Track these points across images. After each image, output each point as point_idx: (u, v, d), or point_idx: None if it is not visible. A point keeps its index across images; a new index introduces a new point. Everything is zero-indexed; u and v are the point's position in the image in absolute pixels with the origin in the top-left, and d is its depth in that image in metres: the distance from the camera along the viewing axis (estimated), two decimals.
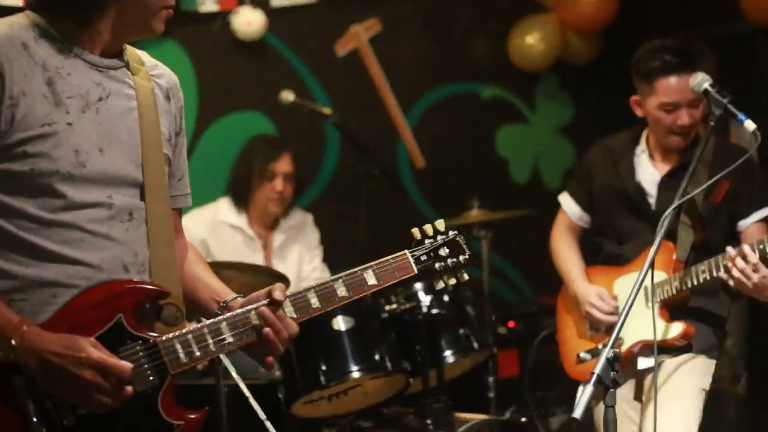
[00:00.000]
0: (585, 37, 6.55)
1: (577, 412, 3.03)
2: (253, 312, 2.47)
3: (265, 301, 2.49)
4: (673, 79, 3.78)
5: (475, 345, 4.58)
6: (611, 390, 3.07)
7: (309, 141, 5.98)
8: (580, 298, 4.05)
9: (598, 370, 3.05)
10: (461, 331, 4.57)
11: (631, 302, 3.14)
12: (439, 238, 2.72)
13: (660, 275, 3.78)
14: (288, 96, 5.39)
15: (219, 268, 4.11)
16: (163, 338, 2.39)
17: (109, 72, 2.42)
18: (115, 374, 2.26)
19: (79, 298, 2.33)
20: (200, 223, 5.12)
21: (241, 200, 5.23)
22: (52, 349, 2.22)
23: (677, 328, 3.77)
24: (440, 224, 2.75)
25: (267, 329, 2.46)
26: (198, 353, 2.41)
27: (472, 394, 5.07)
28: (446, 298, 4.57)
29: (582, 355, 3.92)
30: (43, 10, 2.39)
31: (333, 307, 2.60)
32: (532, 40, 6.48)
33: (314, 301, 2.55)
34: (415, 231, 2.73)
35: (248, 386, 3.99)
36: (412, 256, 2.68)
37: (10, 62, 2.28)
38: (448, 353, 4.52)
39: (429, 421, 4.34)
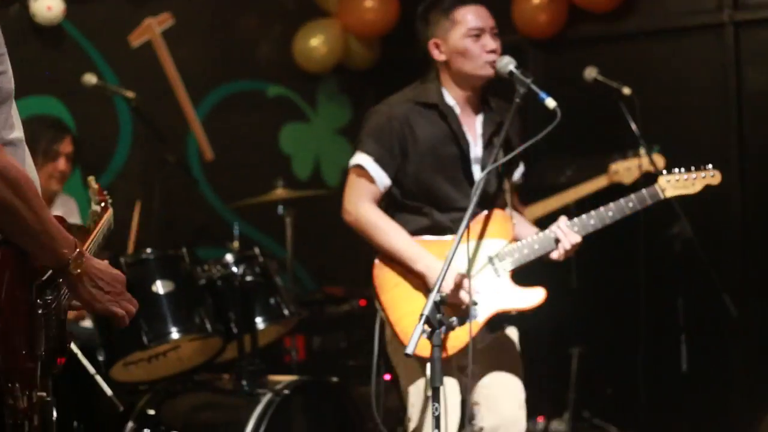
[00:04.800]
0: (365, 43, 6.95)
1: (410, 348, 3.34)
2: None
3: None
4: (471, 8, 3.94)
5: (286, 312, 4.81)
6: (437, 330, 3.40)
7: (102, 127, 6.05)
8: (430, 276, 3.78)
9: (426, 311, 3.37)
10: (272, 300, 4.80)
11: (449, 262, 3.39)
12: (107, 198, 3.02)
13: (500, 243, 3.91)
14: (91, 79, 5.47)
15: None
16: None
17: None
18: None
19: None
20: None
21: None
22: (99, 266, 2.40)
23: (540, 294, 3.90)
24: (92, 181, 3.04)
25: None
26: None
27: (273, 363, 5.30)
28: (257, 269, 4.79)
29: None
30: None
31: None
32: (315, 43, 6.81)
33: None
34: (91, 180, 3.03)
35: None
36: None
37: None
38: (259, 320, 4.72)
39: (244, 382, 4.53)
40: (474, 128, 4.00)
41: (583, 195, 5.65)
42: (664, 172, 3.92)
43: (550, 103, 3.83)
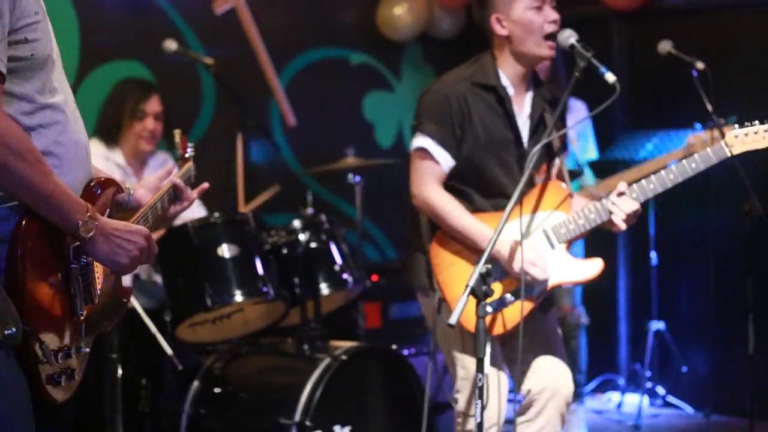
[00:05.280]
0: (449, 12, 6.94)
1: (453, 319, 3.35)
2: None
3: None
4: None
5: (350, 280, 4.86)
6: (483, 302, 3.41)
7: (186, 92, 6.16)
8: (500, 254, 3.73)
9: (471, 282, 3.37)
10: (336, 266, 4.85)
11: (498, 232, 3.41)
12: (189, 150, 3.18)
13: (560, 216, 3.87)
14: (171, 45, 5.55)
15: None
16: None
17: None
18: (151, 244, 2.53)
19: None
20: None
21: (112, 139, 5.36)
22: (116, 227, 2.44)
23: (598, 265, 3.87)
24: (177, 134, 3.19)
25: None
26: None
27: (344, 330, 5.36)
28: (323, 236, 4.84)
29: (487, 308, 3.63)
30: None
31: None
32: (399, 12, 6.82)
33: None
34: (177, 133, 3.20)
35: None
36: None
37: None
38: (323, 286, 4.78)
39: (306, 347, 4.60)
40: (523, 108, 3.96)
41: (659, 168, 5.56)
42: (737, 126, 3.70)
43: (610, 77, 3.75)
